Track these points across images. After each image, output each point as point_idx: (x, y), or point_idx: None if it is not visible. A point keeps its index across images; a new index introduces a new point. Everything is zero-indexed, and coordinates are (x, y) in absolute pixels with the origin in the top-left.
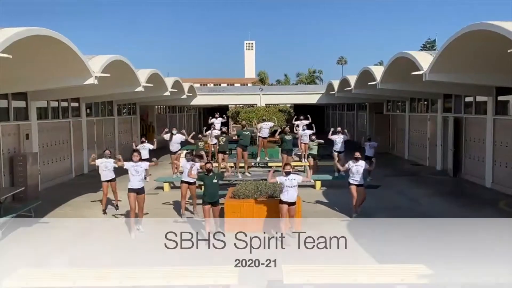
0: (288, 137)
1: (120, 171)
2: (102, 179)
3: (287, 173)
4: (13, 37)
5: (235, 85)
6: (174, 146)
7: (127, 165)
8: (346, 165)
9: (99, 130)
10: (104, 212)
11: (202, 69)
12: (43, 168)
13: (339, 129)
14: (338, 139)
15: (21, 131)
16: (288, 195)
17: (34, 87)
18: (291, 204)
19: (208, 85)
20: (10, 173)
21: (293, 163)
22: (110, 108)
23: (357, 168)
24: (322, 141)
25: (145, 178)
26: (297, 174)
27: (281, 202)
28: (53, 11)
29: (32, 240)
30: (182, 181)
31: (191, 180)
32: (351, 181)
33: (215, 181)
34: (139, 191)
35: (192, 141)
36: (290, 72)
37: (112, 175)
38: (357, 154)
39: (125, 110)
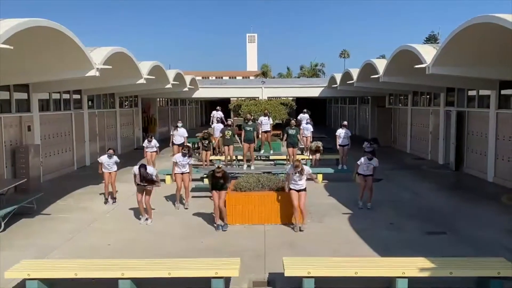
0: (292, 131)
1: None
2: (104, 170)
3: (298, 169)
4: (14, 28)
5: (237, 78)
6: (178, 138)
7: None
8: (358, 163)
9: (100, 122)
10: (107, 200)
11: (204, 62)
12: (45, 160)
13: (345, 123)
14: (342, 134)
15: (23, 123)
16: (297, 186)
17: (35, 79)
18: (300, 190)
19: (210, 78)
20: (12, 165)
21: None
22: (112, 100)
23: (367, 165)
24: (320, 143)
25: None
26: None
27: (290, 189)
28: (55, 4)
29: (34, 232)
30: (176, 173)
31: (185, 170)
32: (359, 171)
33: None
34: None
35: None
36: (292, 65)
37: (113, 168)
38: (369, 156)
39: (127, 102)
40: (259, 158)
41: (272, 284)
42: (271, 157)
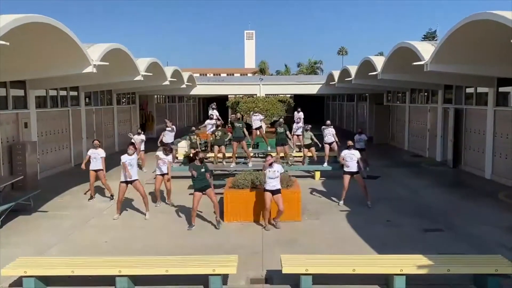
0: (280, 129)
1: (116, 163)
2: (90, 168)
3: (270, 165)
4: (10, 24)
5: (235, 75)
6: (167, 137)
7: (122, 158)
8: (342, 155)
9: (98, 119)
10: (91, 198)
11: (201, 59)
12: (42, 157)
13: (328, 122)
14: (328, 132)
15: (19, 120)
16: (270, 185)
17: (32, 76)
18: (274, 192)
19: (208, 75)
20: (9, 162)
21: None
22: (109, 97)
23: (350, 155)
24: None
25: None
26: (280, 164)
27: (265, 190)
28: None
29: (31, 229)
30: (157, 174)
31: (164, 172)
32: (345, 169)
33: (202, 170)
34: (133, 181)
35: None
36: (290, 62)
37: (98, 166)
38: (349, 143)
39: (124, 99)
40: (256, 156)
41: (270, 281)
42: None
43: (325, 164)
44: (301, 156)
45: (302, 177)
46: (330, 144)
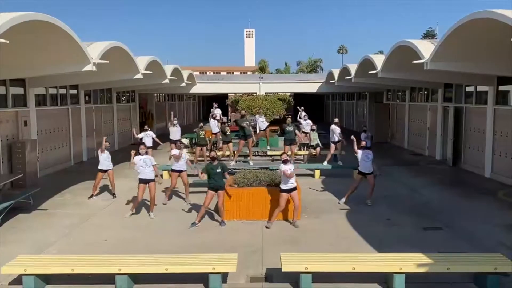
0: (290, 128)
1: (115, 161)
2: (100, 167)
3: (285, 162)
4: (10, 22)
5: (235, 73)
6: (176, 134)
7: (135, 159)
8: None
9: (98, 117)
10: (91, 196)
11: (201, 57)
12: (42, 155)
13: (336, 120)
14: (337, 130)
15: (19, 118)
16: (290, 184)
17: (32, 73)
18: (292, 190)
19: (208, 73)
20: (9, 160)
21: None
22: (109, 95)
23: (367, 155)
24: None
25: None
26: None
27: (282, 191)
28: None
29: (30, 227)
30: (173, 170)
31: (183, 168)
32: (360, 169)
33: (218, 170)
34: (149, 181)
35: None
36: (290, 61)
37: (109, 166)
38: (363, 143)
39: (124, 97)
40: (256, 154)
41: (270, 279)
42: (268, 153)
43: (325, 163)
44: (301, 154)
45: (302, 175)
46: (336, 143)
